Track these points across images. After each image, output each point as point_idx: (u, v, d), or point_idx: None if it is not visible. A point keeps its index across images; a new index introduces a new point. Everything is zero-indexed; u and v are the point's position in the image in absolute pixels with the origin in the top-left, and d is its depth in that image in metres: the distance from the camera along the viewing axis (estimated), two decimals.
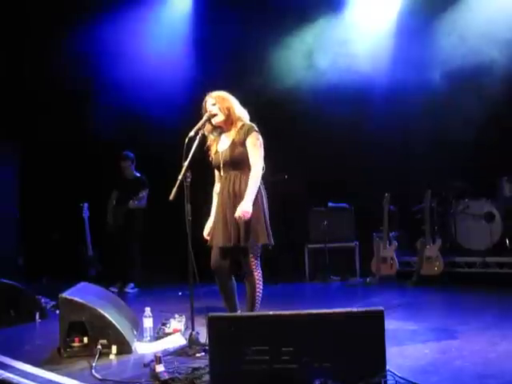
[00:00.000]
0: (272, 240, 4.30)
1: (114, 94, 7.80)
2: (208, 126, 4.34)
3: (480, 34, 6.73)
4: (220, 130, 4.40)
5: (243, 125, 4.32)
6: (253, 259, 4.22)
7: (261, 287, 4.29)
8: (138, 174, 7.44)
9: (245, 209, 4.10)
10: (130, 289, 7.21)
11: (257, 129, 4.30)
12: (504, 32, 6.65)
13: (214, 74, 7.38)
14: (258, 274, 4.25)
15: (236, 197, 4.24)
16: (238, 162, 4.28)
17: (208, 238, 4.40)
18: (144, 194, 7.22)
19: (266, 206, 4.33)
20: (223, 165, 4.32)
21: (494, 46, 6.59)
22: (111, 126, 7.82)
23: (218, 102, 4.29)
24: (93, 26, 7.73)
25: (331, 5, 7.66)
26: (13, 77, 7.86)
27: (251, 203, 4.14)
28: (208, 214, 4.52)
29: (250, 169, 4.25)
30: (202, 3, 8.22)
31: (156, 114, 7.77)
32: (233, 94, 4.40)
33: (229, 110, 4.29)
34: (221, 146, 4.39)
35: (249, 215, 4.10)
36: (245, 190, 4.20)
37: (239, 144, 4.26)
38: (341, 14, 7.65)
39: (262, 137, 4.35)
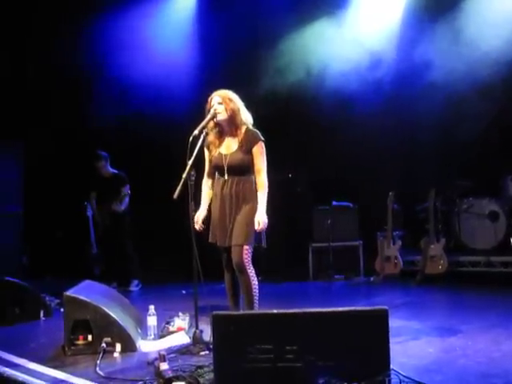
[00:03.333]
0: (265, 242, 4.35)
1: (118, 93, 7.80)
2: (211, 123, 4.35)
3: (484, 33, 6.71)
4: (221, 129, 4.40)
5: (248, 130, 4.34)
6: (246, 257, 4.23)
7: (256, 284, 4.29)
8: (116, 171, 7.39)
9: (262, 219, 4.23)
10: (134, 286, 7.21)
11: (262, 137, 4.35)
12: (507, 31, 6.64)
13: (218, 72, 7.39)
14: (251, 272, 4.26)
15: (238, 198, 4.29)
16: (243, 169, 4.33)
17: (198, 228, 4.41)
18: (125, 191, 7.20)
19: None
20: (228, 169, 4.34)
21: (499, 44, 6.57)
22: (115, 125, 7.84)
23: (224, 102, 4.29)
24: (97, 25, 7.74)
25: (336, 2, 7.64)
26: (16, 76, 7.87)
27: (264, 210, 4.28)
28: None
29: (252, 174, 4.33)
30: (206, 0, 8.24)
31: (160, 113, 7.78)
32: (237, 92, 4.41)
33: (233, 112, 4.30)
34: (225, 148, 4.40)
35: (266, 224, 4.25)
36: (246, 193, 4.28)
37: (245, 151, 4.31)
38: (344, 11, 7.63)
39: (266, 135, 4.39)
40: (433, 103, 7.16)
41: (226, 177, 4.35)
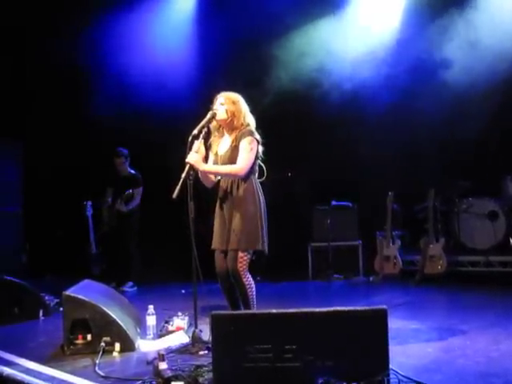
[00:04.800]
0: (266, 247, 4.26)
1: (118, 93, 7.80)
2: (214, 123, 4.34)
3: (485, 33, 6.71)
4: (223, 129, 4.40)
5: (242, 129, 4.27)
6: (241, 264, 4.17)
7: (252, 292, 4.23)
8: (133, 171, 7.40)
9: (196, 163, 4.12)
10: (127, 287, 7.17)
11: (255, 134, 4.26)
12: (507, 32, 6.63)
13: (218, 72, 7.40)
14: (246, 280, 4.20)
15: (233, 200, 4.24)
16: None
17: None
18: (132, 191, 7.18)
19: (263, 212, 4.28)
20: None
21: (502, 44, 6.57)
22: (115, 124, 7.84)
23: (227, 104, 4.27)
24: (96, 26, 7.74)
25: (335, 3, 7.64)
26: (16, 75, 7.87)
27: (204, 168, 4.20)
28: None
29: (248, 172, 4.23)
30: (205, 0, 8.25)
31: (159, 112, 7.78)
32: (237, 92, 4.39)
33: (233, 114, 4.26)
34: (221, 147, 4.39)
35: (193, 164, 4.11)
36: (241, 195, 4.21)
37: (236, 148, 4.23)
38: (346, 9, 7.62)
39: (266, 135, 4.35)
40: (432, 103, 7.16)
41: (221, 177, 4.35)
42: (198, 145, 4.20)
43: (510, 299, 5.80)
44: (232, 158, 4.23)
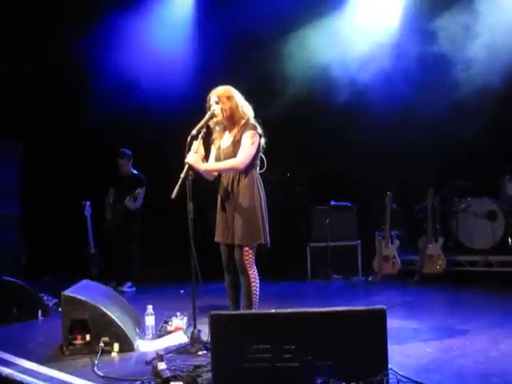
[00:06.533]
0: (268, 240, 4.30)
1: (118, 93, 7.79)
2: (213, 120, 4.34)
3: (483, 33, 6.71)
4: (223, 124, 4.41)
5: (244, 124, 4.29)
6: (247, 258, 4.21)
7: (257, 286, 4.26)
8: (136, 172, 7.41)
9: (195, 163, 4.11)
10: (127, 288, 7.15)
11: (258, 128, 4.27)
12: (507, 30, 6.63)
13: (217, 71, 7.39)
14: (252, 273, 4.23)
15: (235, 194, 4.26)
16: None
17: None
18: (140, 191, 7.19)
19: (264, 205, 4.31)
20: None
21: (498, 44, 6.57)
22: (113, 124, 7.84)
23: (221, 102, 4.26)
24: (96, 25, 7.74)
25: (336, 3, 7.64)
26: (15, 76, 7.86)
27: (204, 168, 4.21)
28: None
29: (249, 169, 4.25)
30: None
31: (158, 112, 7.78)
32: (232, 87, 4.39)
33: (231, 110, 4.26)
34: (223, 142, 4.39)
35: (192, 165, 4.10)
36: (243, 189, 4.22)
37: (239, 142, 4.24)
38: (344, 12, 7.62)
39: (265, 135, 4.35)
40: (431, 102, 7.15)
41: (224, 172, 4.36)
42: (197, 145, 4.20)
43: (509, 299, 5.80)
44: (235, 151, 4.24)
